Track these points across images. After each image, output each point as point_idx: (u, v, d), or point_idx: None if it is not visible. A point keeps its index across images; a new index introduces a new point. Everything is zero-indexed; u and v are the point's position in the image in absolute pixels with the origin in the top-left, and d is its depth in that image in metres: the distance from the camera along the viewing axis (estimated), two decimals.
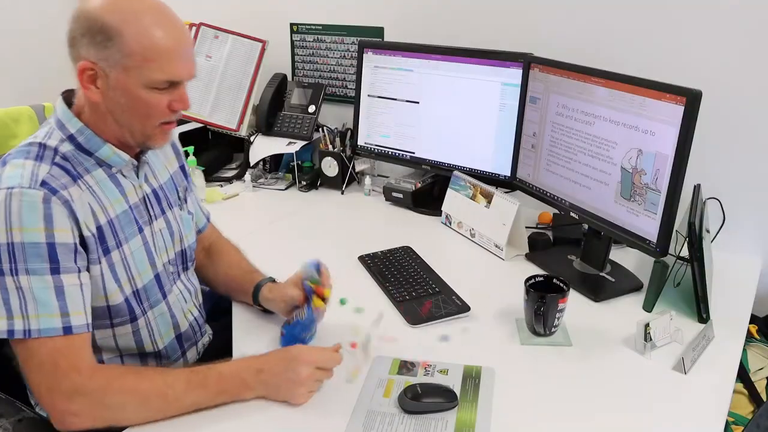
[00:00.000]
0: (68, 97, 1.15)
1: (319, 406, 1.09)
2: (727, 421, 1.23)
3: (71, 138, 1.10)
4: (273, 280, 1.37)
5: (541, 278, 1.31)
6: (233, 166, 2.33)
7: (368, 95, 2.03)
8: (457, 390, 1.12)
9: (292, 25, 2.31)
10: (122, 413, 1.04)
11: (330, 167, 2.10)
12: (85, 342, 1.06)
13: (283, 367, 1.10)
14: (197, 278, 1.40)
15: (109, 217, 1.12)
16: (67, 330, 1.02)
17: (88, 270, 1.08)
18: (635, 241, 1.39)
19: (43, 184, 1.02)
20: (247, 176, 2.15)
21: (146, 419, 1.05)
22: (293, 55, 2.35)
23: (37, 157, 1.06)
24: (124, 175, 1.16)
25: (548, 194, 1.62)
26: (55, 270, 1.02)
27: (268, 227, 1.84)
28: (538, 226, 1.83)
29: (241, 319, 1.36)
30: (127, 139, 1.13)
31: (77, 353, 1.04)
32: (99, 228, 1.09)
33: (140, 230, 1.18)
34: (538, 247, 1.67)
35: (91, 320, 1.07)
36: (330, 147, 2.11)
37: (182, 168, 1.37)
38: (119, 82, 1.06)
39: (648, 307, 1.39)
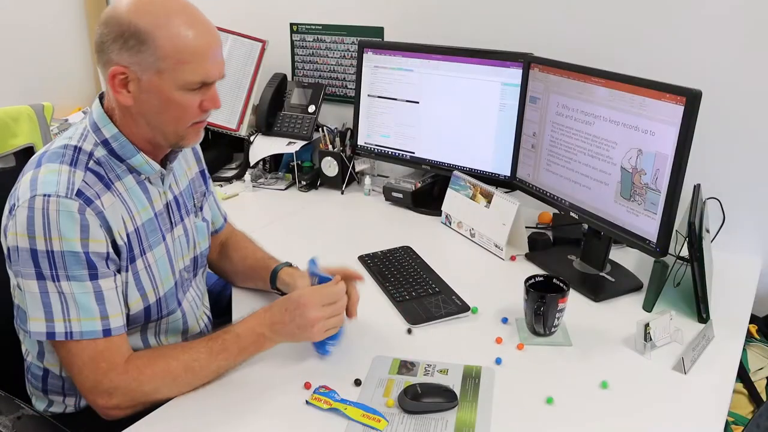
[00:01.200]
0: (101, 98, 1.14)
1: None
2: (727, 421, 1.23)
3: (105, 143, 1.10)
4: (289, 265, 1.39)
5: (541, 278, 1.31)
6: (233, 166, 2.33)
7: (368, 95, 2.03)
8: (457, 390, 1.12)
9: (292, 25, 2.31)
10: (157, 395, 1.09)
11: (330, 167, 2.10)
12: (123, 341, 1.09)
13: (290, 316, 1.15)
14: (205, 282, 1.41)
15: (136, 225, 1.12)
16: (107, 332, 1.06)
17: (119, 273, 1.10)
18: (635, 241, 1.39)
19: (79, 193, 1.03)
20: (247, 176, 2.15)
21: (179, 393, 1.10)
22: (293, 55, 2.34)
23: (72, 162, 1.06)
24: (151, 182, 1.17)
25: (548, 194, 1.62)
26: (94, 276, 1.04)
27: (268, 227, 1.84)
28: (538, 226, 1.83)
29: (241, 315, 1.36)
30: (159, 141, 1.13)
31: (116, 353, 1.07)
32: (128, 236, 1.10)
33: (163, 238, 1.19)
34: (538, 247, 1.67)
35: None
36: (330, 147, 2.11)
37: (202, 172, 1.37)
38: (152, 85, 1.05)
39: (648, 307, 1.39)
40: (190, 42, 1.04)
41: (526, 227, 1.71)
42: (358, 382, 1.14)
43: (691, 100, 1.24)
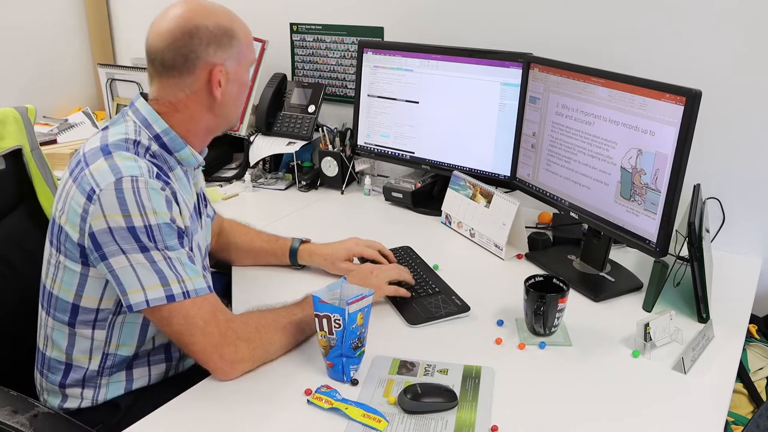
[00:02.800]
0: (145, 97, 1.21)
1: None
2: (727, 421, 1.24)
3: (157, 137, 1.18)
4: (301, 241, 1.56)
5: (541, 278, 1.31)
6: (233, 166, 2.33)
7: (368, 95, 2.03)
8: (457, 390, 1.12)
9: (292, 25, 2.31)
10: (271, 345, 1.17)
11: (330, 167, 2.10)
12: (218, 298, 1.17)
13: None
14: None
15: (189, 210, 1.20)
16: (211, 288, 1.14)
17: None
18: (635, 241, 1.39)
19: (158, 176, 1.12)
20: (247, 176, 2.15)
21: (285, 345, 1.20)
22: (293, 55, 2.35)
23: (137, 153, 1.14)
24: (189, 175, 1.25)
25: (548, 194, 1.62)
26: (183, 244, 1.12)
27: (268, 227, 1.83)
28: (538, 226, 1.83)
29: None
30: (222, 128, 1.26)
31: (223, 307, 1.15)
32: (189, 218, 1.18)
33: (200, 225, 1.27)
34: (538, 247, 1.67)
35: None
36: (330, 147, 2.11)
37: None
38: (236, 73, 1.20)
39: (648, 307, 1.39)
40: (246, 27, 1.22)
41: (526, 227, 1.71)
42: (355, 382, 1.14)
43: (691, 100, 1.24)
